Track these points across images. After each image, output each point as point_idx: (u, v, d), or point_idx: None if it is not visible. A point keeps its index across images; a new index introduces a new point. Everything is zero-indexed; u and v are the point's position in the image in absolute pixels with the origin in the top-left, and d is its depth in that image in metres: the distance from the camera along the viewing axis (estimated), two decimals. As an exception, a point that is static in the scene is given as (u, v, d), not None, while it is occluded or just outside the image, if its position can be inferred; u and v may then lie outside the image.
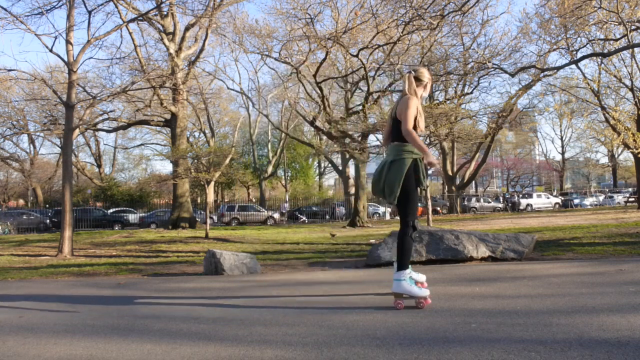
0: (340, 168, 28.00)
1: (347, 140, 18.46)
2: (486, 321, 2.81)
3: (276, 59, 19.54)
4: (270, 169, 41.60)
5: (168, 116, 21.16)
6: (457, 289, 3.92)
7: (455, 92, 25.91)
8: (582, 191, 45.27)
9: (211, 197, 31.06)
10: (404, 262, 3.28)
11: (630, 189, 40.73)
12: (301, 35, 16.71)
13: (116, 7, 14.68)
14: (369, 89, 18.49)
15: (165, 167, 59.41)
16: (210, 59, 47.58)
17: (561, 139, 51.18)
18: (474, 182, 45.06)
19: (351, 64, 20.36)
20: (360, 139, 18.45)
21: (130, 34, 19.16)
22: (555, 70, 15.57)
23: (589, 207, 34.01)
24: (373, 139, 24.31)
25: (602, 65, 23.55)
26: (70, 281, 6.20)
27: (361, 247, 9.45)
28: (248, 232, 17.21)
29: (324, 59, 17.80)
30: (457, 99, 23.28)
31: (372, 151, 20.27)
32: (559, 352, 2.18)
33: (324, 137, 26.67)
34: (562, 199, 38.51)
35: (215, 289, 4.72)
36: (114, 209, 30.98)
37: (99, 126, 21.70)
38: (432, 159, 3.31)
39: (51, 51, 10.95)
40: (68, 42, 10.98)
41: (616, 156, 45.19)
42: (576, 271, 4.71)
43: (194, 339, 2.78)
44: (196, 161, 16.86)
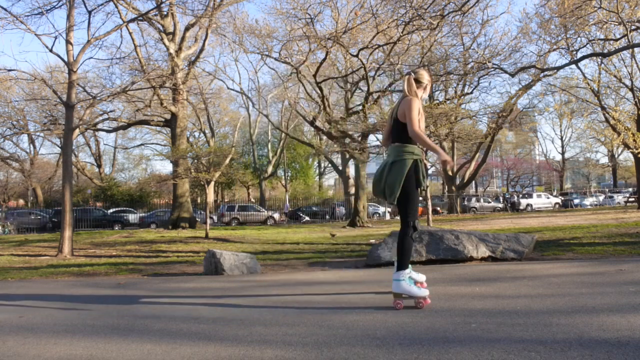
0: (340, 168, 27.98)
1: (347, 140, 18.45)
2: (486, 321, 2.81)
3: (276, 59, 19.54)
4: (270, 169, 41.60)
5: (168, 116, 21.16)
6: (457, 289, 3.92)
7: (455, 92, 25.91)
8: (582, 191, 45.26)
9: (211, 197, 31.06)
10: (403, 262, 3.30)
11: (630, 189, 40.71)
12: (301, 35, 16.70)
13: (116, 7, 14.68)
14: (369, 89, 18.48)
15: (165, 167, 59.51)
16: (210, 59, 47.75)
17: (561, 139, 51.23)
18: (474, 182, 45.06)
19: (351, 64, 20.35)
20: (360, 139, 18.45)
21: (130, 34, 19.18)
22: (555, 70, 15.56)
23: (589, 207, 33.99)
24: (373, 139, 24.37)
25: (602, 65, 23.55)
26: (70, 281, 6.20)
27: (361, 247, 9.45)
28: (248, 232, 17.20)
29: (324, 59, 17.80)
30: (457, 99, 23.29)
31: (372, 151, 20.28)
32: (559, 352, 2.18)
33: (324, 137, 26.65)
34: (562, 199, 38.48)
35: (215, 289, 4.72)
36: (114, 209, 30.97)
37: (99, 126, 21.70)
38: (446, 157, 3.33)
39: (51, 51, 10.96)
40: (68, 42, 10.99)
41: (616, 156, 45.18)
42: (576, 271, 4.70)
43: (194, 339, 2.78)
44: (196, 161, 16.86)
